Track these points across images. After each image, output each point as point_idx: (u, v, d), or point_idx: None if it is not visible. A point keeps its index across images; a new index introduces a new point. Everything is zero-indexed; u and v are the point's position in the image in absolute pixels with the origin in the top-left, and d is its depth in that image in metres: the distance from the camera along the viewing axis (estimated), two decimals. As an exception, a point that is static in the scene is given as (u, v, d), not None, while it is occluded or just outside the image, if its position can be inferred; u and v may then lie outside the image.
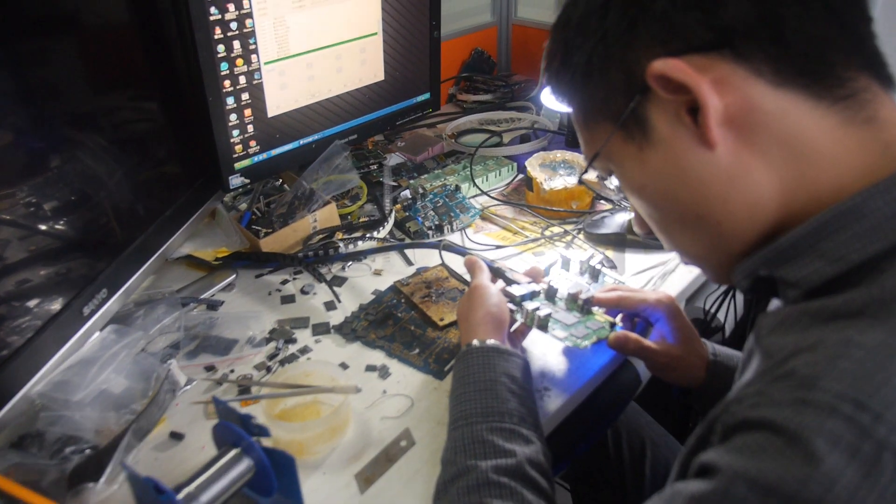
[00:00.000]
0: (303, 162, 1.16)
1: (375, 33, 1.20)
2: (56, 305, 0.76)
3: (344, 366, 0.85)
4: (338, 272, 1.04)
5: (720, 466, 0.41)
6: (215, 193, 1.08)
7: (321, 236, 1.08)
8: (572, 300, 0.87)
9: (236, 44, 0.99)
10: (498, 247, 1.09)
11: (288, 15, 1.05)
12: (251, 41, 1.01)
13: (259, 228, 1.08)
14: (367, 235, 1.09)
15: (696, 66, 0.47)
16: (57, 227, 0.79)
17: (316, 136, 1.18)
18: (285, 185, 1.21)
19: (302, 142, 1.16)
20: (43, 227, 0.77)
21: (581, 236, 1.12)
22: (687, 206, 0.54)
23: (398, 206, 1.17)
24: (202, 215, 1.05)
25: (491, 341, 0.74)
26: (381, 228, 1.11)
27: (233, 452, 0.62)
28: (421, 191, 1.18)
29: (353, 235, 1.09)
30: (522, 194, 1.23)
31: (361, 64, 1.20)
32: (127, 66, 0.92)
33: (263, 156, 1.11)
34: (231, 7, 0.96)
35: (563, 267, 1.00)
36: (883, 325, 0.41)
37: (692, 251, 0.59)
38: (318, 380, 0.77)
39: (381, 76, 1.25)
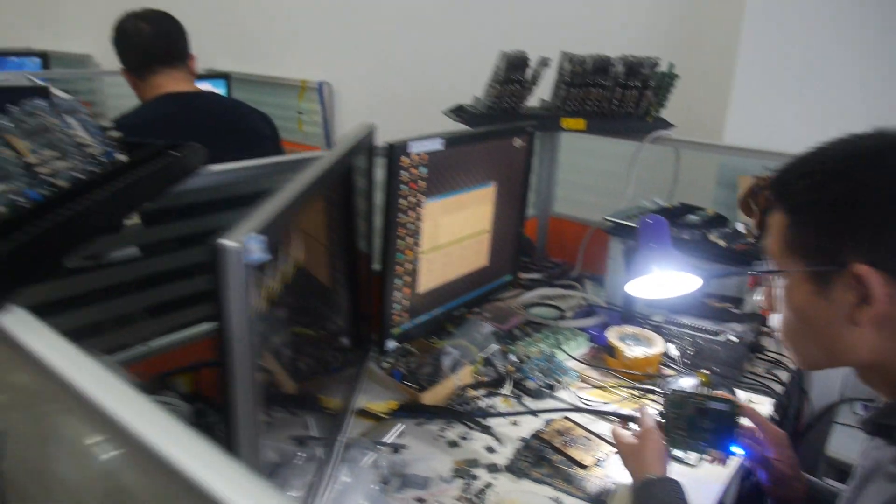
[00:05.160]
0: (430, 329, 1.43)
1: (488, 231, 1.52)
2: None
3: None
4: (481, 421, 1.27)
5: None
6: (367, 356, 1.33)
7: (462, 392, 1.32)
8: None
9: (409, 240, 1.28)
10: (605, 405, 1.36)
11: (440, 217, 1.36)
12: (417, 237, 1.31)
13: (410, 384, 1.31)
14: (494, 392, 1.34)
15: (887, 280, 0.73)
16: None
17: (441, 309, 1.45)
18: (412, 349, 1.45)
19: (433, 313, 1.43)
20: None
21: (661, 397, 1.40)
22: (816, 334, 0.82)
23: (510, 367, 1.43)
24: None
25: (666, 476, 0.99)
26: (504, 385, 1.36)
27: None
28: (527, 357, 1.45)
29: (481, 392, 1.34)
30: (600, 360, 1.52)
31: (476, 253, 1.51)
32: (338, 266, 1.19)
33: (408, 324, 1.37)
34: (413, 215, 1.27)
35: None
36: None
37: (800, 350, 0.86)
38: None
39: (485, 262, 1.56)
